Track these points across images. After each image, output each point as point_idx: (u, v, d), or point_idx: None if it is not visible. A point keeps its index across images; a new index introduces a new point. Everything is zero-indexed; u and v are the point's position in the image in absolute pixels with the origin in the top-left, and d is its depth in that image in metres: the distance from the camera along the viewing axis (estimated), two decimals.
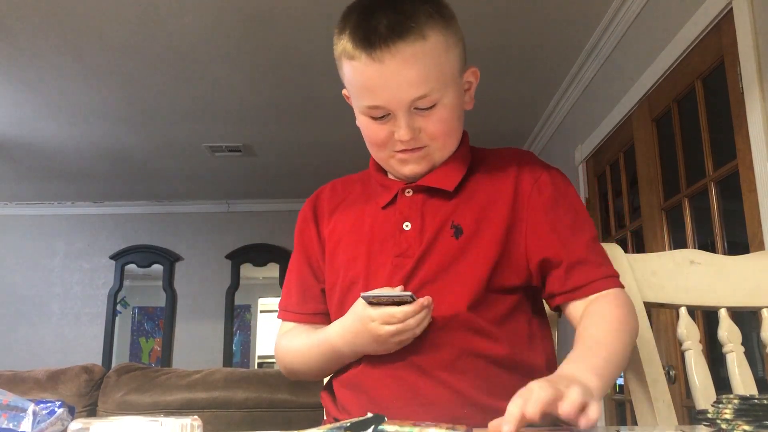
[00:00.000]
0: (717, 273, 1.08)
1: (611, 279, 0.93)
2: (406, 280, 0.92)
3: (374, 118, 0.93)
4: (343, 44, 0.91)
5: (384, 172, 1.03)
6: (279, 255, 5.69)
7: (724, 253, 2.05)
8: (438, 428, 0.62)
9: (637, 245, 2.75)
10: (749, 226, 1.90)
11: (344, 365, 0.97)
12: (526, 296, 0.96)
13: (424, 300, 0.86)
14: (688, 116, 2.31)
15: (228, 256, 5.69)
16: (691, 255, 1.09)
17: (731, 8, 1.91)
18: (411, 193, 0.98)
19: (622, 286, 0.94)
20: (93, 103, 3.67)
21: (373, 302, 0.87)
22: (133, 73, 3.31)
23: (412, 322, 0.86)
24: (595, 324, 0.88)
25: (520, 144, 4.30)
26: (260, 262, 5.74)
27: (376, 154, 0.99)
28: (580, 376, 0.76)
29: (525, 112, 3.79)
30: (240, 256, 5.71)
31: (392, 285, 0.91)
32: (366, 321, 0.88)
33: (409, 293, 0.86)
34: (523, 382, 0.88)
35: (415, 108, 0.91)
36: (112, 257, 5.71)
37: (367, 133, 0.97)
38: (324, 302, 1.04)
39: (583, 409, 0.67)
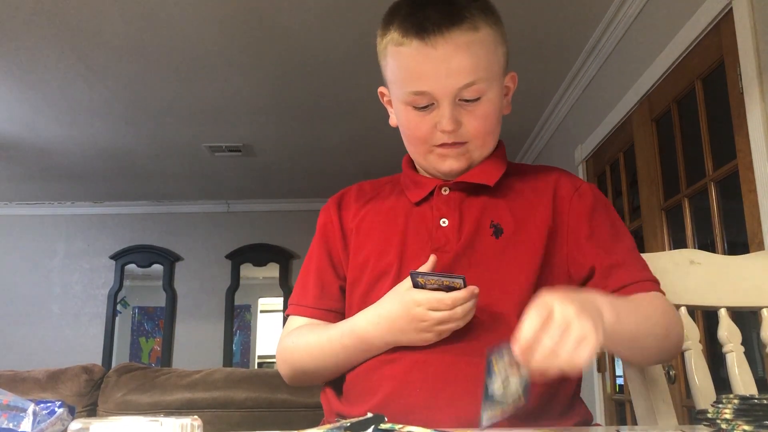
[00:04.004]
0: (717, 273, 1.08)
1: (653, 283, 0.91)
2: None
3: (417, 108, 0.92)
4: (391, 35, 0.92)
5: (417, 170, 1.02)
6: (279, 255, 5.69)
7: (724, 253, 2.05)
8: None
9: (637, 245, 2.74)
10: (749, 226, 1.90)
11: (365, 359, 0.91)
12: None
13: (474, 288, 0.82)
14: (688, 116, 2.31)
15: (228, 256, 5.69)
16: (691, 255, 1.09)
17: (731, 8, 1.91)
18: (448, 191, 0.97)
19: (664, 294, 0.92)
20: (93, 103, 3.67)
21: (419, 284, 0.81)
22: (134, 73, 3.31)
23: (459, 311, 0.81)
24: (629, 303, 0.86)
25: (520, 144, 4.30)
26: (260, 262, 5.74)
27: (415, 149, 0.98)
28: (602, 307, 0.74)
29: (525, 112, 3.79)
30: (240, 256, 5.71)
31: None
32: (410, 305, 0.83)
33: (461, 277, 0.79)
34: (552, 391, 0.88)
35: (461, 99, 0.90)
36: (112, 257, 5.71)
37: (407, 126, 0.95)
38: (341, 301, 1.00)
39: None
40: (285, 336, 0.99)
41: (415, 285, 0.82)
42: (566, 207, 0.96)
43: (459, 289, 0.81)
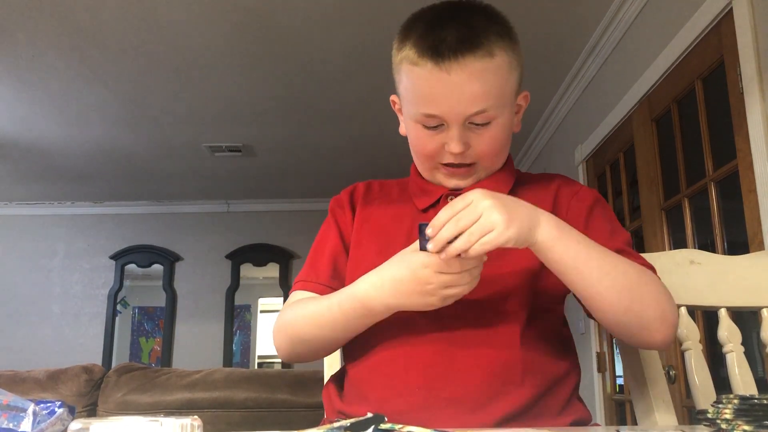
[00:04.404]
0: (717, 273, 1.08)
1: (651, 268, 0.91)
2: None
3: (427, 127, 0.93)
4: (406, 52, 0.91)
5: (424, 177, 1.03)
6: (279, 255, 5.69)
7: (724, 253, 2.05)
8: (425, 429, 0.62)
9: (637, 245, 2.75)
10: (749, 226, 1.90)
11: (365, 328, 0.90)
12: (559, 309, 0.97)
13: (483, 255, 0.81)
14: (688, 116, 2.31)
15: (228, 256, 5.69)
16: (691, 255, 1.08)
17: (731, 8, 1.91)
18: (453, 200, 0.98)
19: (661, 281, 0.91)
20: (93, 103, 3.67)
21: (427, 238, 0.79)
22: (134, 74, 3.31)
23: (467, 275, 0.81)
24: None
25: (520, 144, 4.31)
26: (260, 262, 5.74)
27: (422, 164, 0.99)
28: (540, 222, 0.81)
29: (525, 112, 3.78)
30: (240, 256, 5.71)
31: None
32: (416, 267, 0.82)
33: None
34: (547, 390, 0.89)
35: (470, 123, 0.91)
36: (112, 257, 5.71)
37: (415, 142, 0.97)
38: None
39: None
40: (285, 309, 0.98)
41: (422, 246, 0.81)
42: (565, 207, 0.98)
43: None
